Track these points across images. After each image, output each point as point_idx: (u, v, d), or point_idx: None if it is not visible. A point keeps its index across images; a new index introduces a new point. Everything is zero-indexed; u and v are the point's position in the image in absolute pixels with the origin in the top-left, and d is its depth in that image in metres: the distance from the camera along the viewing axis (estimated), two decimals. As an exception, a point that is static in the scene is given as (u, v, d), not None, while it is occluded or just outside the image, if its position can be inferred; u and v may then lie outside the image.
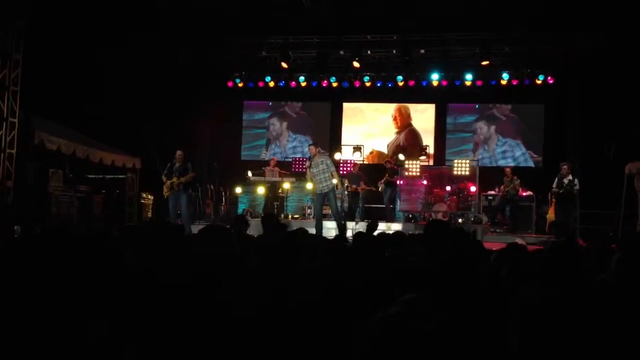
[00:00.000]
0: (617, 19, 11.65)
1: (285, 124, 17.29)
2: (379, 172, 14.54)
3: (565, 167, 11.64)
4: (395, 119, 16.81)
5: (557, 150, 14.44)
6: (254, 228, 7.58)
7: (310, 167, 10.15)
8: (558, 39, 13.40)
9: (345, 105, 16.97)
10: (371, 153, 16.85)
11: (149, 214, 13.66)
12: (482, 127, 16.33)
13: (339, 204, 11.44)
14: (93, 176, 12.40)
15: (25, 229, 5.74)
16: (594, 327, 1.54)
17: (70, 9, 11.16)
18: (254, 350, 1.89)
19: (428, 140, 16.54)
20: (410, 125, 16.71)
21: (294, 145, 17.18)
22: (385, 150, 16.78)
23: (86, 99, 12.27)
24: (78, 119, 12.07)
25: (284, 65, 14.76)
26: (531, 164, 15.86)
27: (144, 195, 13.45)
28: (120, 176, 12.66)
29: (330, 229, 10.65)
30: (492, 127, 16.26)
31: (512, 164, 15.33)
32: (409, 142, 16.62)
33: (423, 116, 16.69)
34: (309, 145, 10.82)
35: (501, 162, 15.80)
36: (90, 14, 11.64)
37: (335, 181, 10.04)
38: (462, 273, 1.93)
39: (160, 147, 12.18)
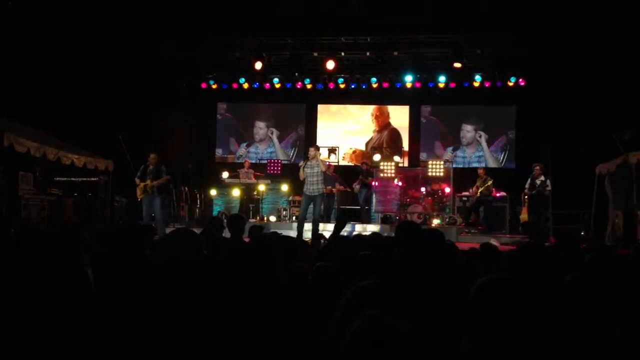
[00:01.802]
0: (581, 20, 11.84)
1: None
2: (357, 173, 14.53)
3: (538, 168, 11.77)
4: (376, 117, 16.80)
5: (530, 151, 14.61)
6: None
7: (304, 167, 10.32)
8: (527, 41, 13.55)
9: (322, 106, 16.94)
10: (354, 152, 16.77)
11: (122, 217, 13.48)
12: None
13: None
14: (64, 179, 12.19)
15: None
16: (558, 324, 1.55)
17: (39, 8, 10.97)
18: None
19: (403, 141, 16.62)
20: (390, 124, 16.75)
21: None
22: (364, 149, 16.77)
23: (56, 100, 12.06)
24: (48, 121, 11.86)
25: (257, 66, 14.65)
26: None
27: (117, 198, 13.27)
28: (92, 179, 12.44)
29: (307, 231, 10.70)
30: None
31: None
32: (392, 141, 16.65)
33: (401, 116, 16.73)
34: (311, 147, 10.87)
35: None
36: (60, 13, 11.46)
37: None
38: (432, 272, 1.93)
39: (133, 149, 12.02)
